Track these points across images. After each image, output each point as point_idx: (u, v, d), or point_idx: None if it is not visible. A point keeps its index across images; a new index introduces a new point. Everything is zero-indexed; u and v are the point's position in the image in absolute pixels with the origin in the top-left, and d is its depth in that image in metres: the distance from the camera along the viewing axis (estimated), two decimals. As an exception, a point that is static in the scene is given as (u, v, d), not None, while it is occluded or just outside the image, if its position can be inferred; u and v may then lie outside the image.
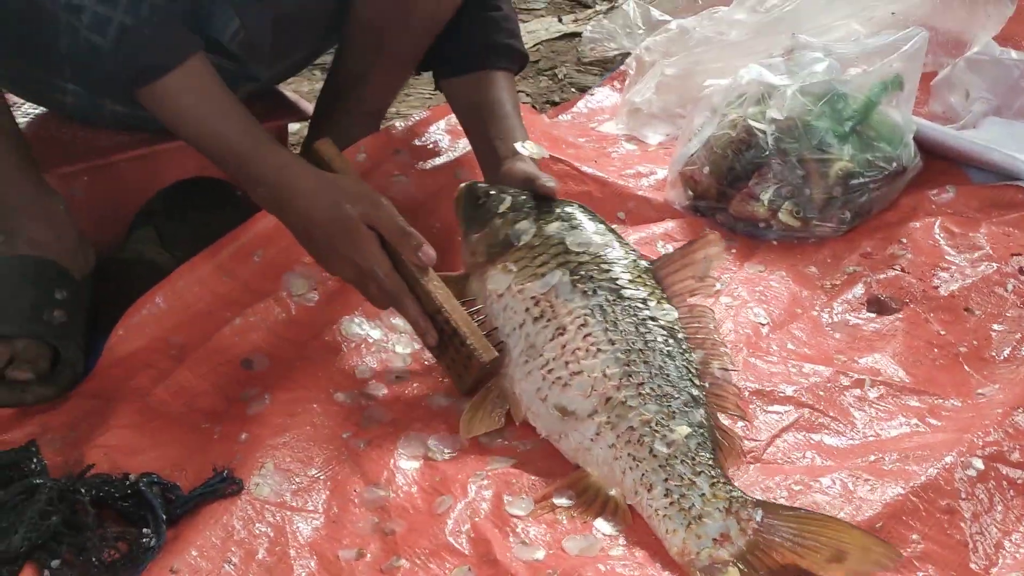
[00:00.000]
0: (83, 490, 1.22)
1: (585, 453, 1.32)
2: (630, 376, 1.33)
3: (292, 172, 1.42)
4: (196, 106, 1.43)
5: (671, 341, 1.37)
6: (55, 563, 1.17)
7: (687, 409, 1.31)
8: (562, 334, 1.37)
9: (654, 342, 1.36)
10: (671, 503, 1.23)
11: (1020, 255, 1.62)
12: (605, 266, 1.42)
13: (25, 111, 1.77)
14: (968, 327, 1.52)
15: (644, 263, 1.46)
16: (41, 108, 1.79)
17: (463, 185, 1.55)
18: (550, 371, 1.36)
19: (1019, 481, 1.26)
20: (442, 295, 1.39)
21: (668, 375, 1.34)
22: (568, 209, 1.50)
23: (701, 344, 1.39)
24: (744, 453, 1.32)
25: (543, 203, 1.50)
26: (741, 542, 1.18)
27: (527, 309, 1.40)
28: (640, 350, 1.35)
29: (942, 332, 1.51)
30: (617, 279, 1.41)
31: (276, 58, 1.67)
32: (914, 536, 1.20)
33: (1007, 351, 1.47)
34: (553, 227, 1.46)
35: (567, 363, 1.36)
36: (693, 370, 1.36)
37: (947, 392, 1.42)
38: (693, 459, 1.26)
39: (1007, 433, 1.30)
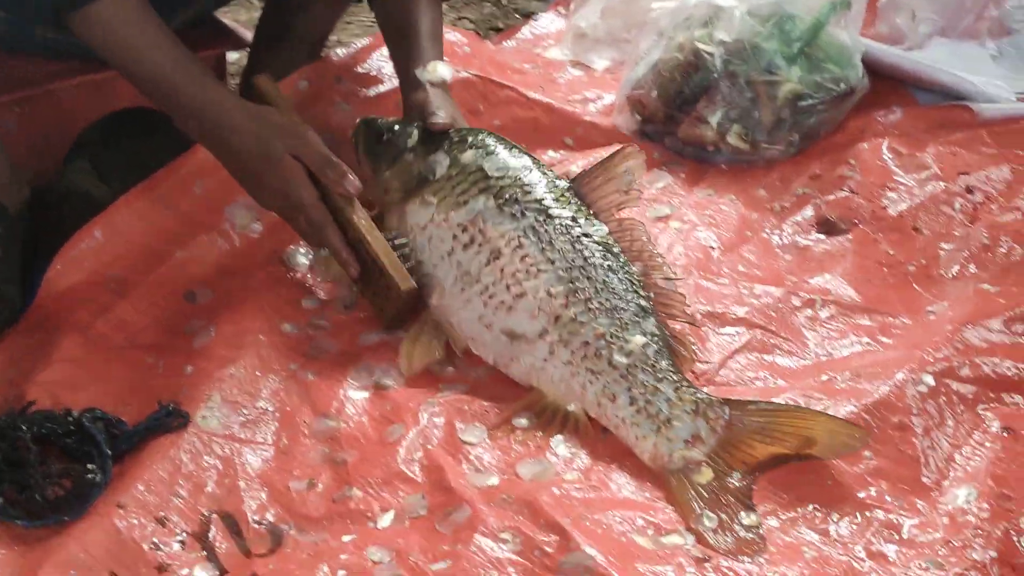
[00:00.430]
0: (24, 427, 1.20)
1: (539, 373, 1.32)
2: (576, 292, 1.32)
3: (222, 107, 1.39)
4: (127, 35, 1.38)
5: (609, 256, 1.35)
6: (-3, 501, 1.15)
7: (638, 319, 1.31)
8: (497, 258, 1.35)
9: (592, 257, 1.34)
10: (637, 411, 1.24)
11: (967, 174, 1.63)
12: (528, 188, 1.39)
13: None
14: (917, 246, 1.52)
15: (564, 182, 1.42)
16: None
17: (359, 121, 1.52)
18: (491, 296, 1.35)
19: (969, 396, 1.27)
20: (365, 226, 1.37)
21: (613, 288, 1.32)
22: (480, 136, 1.45)
23: (639, 256, 1.37)
24: (698, 358, 1.32)
25: (454, 132, 1.46)
26: (712, 441, 1.21)
27: (455, 236, 1.38)
28: (580, 267, 1.33)
29: (891, 252, 1.52)
30: (542, 199, 1.38)
31: None
32: (867, 453, 1.21)
33: (955, 269, 1.48)
34: (468, 155, 1.42)
35: (508, 286, 1.34)
36: (636, 281, 1.34)
37: (897, 310, 1.42)
38: (653, 366, 1.27)
39: (956, 349, 1.32)
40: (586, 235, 1.36)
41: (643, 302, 1.33)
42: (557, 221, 1.36)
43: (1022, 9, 1.89)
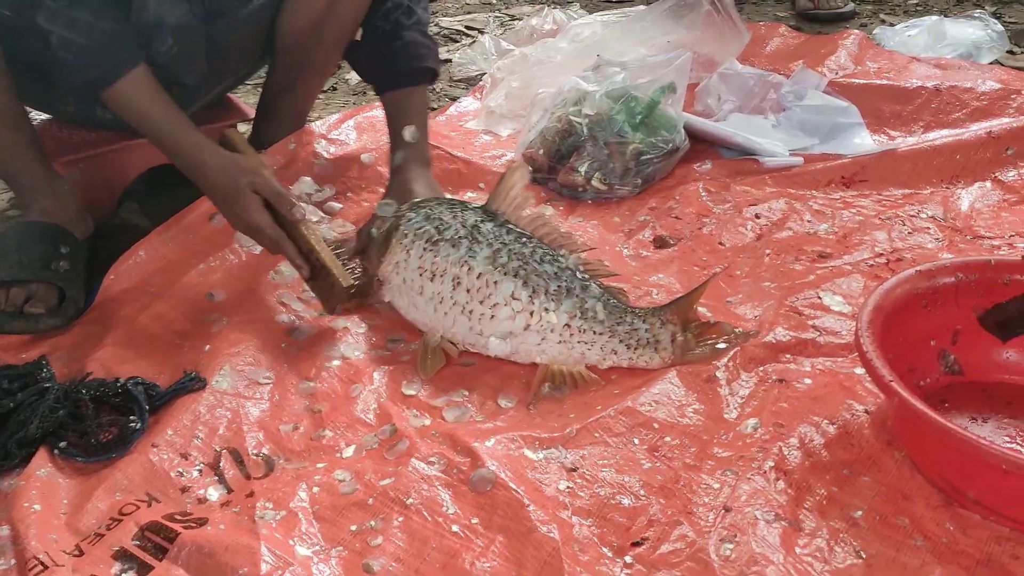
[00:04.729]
0: (83, 391, 1.17)
1: (541, 354, 1.24)
2: (534, 289, 1.23)
3: (200, 150, 1.36)
4: (139, 104, 1.36)
5: (538, 250, 1.27)
6: (63, 444, 1.12)
7: (587, 290, 1.25)
8: (459, 282, 1.25)
9: (531, 255, 1.26)
10: (634, 350, 1.23)
11: (755, 205, 1.64)
12: (453, 219, 1.30)
13: (33, 116, 1.66)
14: (721, 256, 1.53)
15: (473, 205, 1.34)
16: (46, 115, 1.69)
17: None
18: (471, 312, 1.25)
19: (758, 356, 1.26)
20: (314, 239, 1.33)
21: (557, 274, 1.25)
22: (415, 202, 1.37)
23: (557, 242, 1.29)
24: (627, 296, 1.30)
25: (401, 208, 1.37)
26: (679, 329, 1.24)
27: (420, 275, 1.28)
28: (523, 266, 1.24)
29: (704, 258, 1.52)
30: (465, 223, 1.29)
31: (217, 74, 1.60)
32: (685, 396, 1.19)
33: (747, 270, 1.49)
34: (405, 218, 1.33)
35: (480, 301, 1.24)
36: (565, 262, 1.27)
37: (707, 298, 1.41)
38: (622, 317, 1.24)
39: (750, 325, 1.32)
40: (517, 239, 1.27)
41: (579, 275, 1.26)
42: (487, 237, 1.27)
43: (792, 93, 1.91)
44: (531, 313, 1.23)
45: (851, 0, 2.55)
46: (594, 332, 1.23)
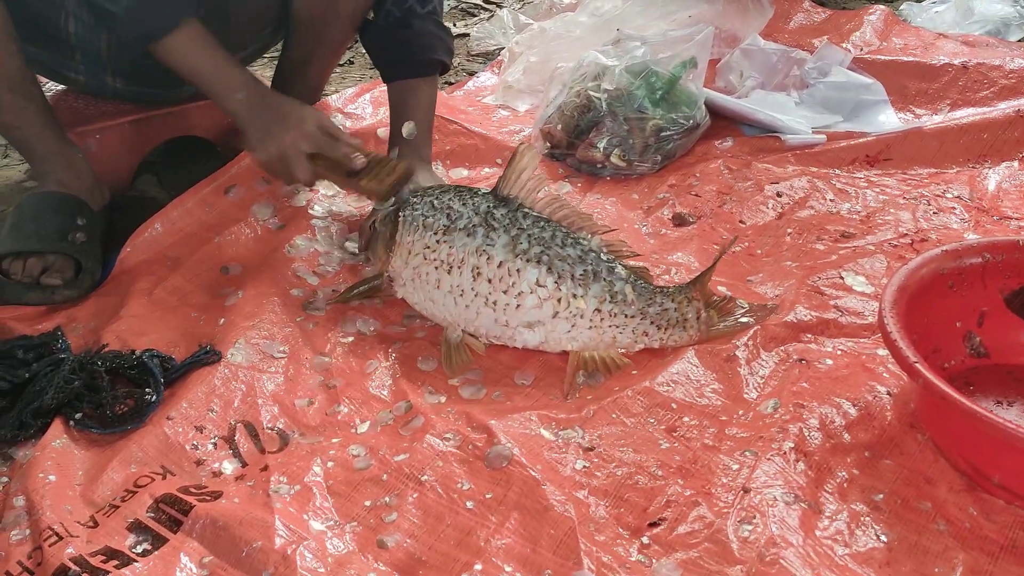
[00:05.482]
0: (99, 363, 1.16)
1: (571, 342, 1.20)
2: (560, 275, 1.18)
3: (261, 82, 1.39)
4: (195, 55, 1.33)
5: (558, 233, 1.21)
6: (78, 415, 1.11)
7: (613, 272, 1.20)
8: (480, 272, 1.19)
9: (552, 239, 1.20)
10: (665, 330, 1.21)
11: (776, 183, 1.62)
12: (463, 206, 1.23)
13: (49, 88, 1.65)
14: (742, 234, 1.50)
15: (483, 189, 1.28)
16: (61, 85, 1.68)
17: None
18: (495, 303, 1.19)
19: (778, 335, 1.24)
20: (362, 147, 1.33)
21: (582, 258, 1.20)
22: (420, 190, 1.32)
23: (577, 224, 1.24)
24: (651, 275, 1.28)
25: (402, 198, 1.32)
26: (703, 305, 1.23)
27: (436, 268, 1.22)
28: (545, 251, 1.19)
29: (725, 236, 1.50)
30: (477, 210, 1.22)
31: (230, 47, 1.57)
32: (705, 377, 1.18)
33: (768, 248, 1.47)
34: (411, 208, 1.28)
35: (504, 291, 1.18)
36: (588, 244, 1.22)
37: (727, 277, 1.39)
38: (652, 297, 1.21)
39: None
40: (536, 223, 1.21)
41: (604, 257, 1.21)
42: (503, 224, 1.21)
43: (815, 70, 1.88)
44: (559, 300, 1.18)
45: None
46: (625, 315, 1.19)
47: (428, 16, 1.52)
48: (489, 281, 1.20)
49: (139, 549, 0.95)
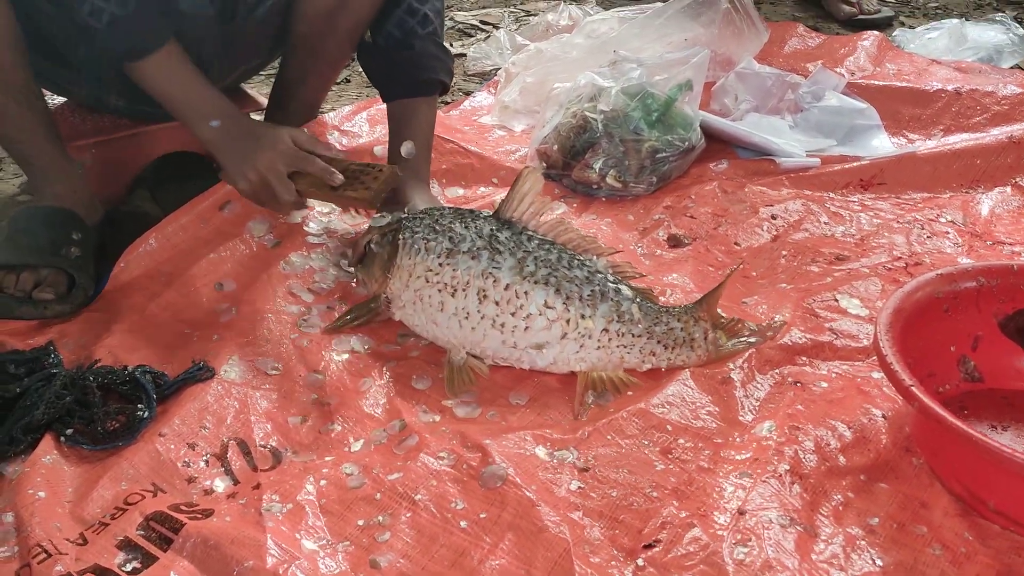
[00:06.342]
0: (91, 378, 1.15)
1: (580, 362, 1.19)
2: (568, 297, 1.18)
3: (235, 108, 1.41)
4: (170, 79, 1.35)
5: (564, 255, 1.22)
6: (69, 431, 1.10)
7: (620, 292, 1.20)
8: (486, 295, 1.19)
9: (559, 261, 1.20)
10: (672, 349, 1.20)
11: (771, 206, 1.63)
12: (460, 232, 1.23)
13: (51, 100, 1.65)
14: (737, 255, 1.51)
15: (484, 212, 1.28)
16: (62, 98, 1.69)
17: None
18: (502, 325, 1.18)
19: (773, 358, 1.25)
20: (342, 156, 1.35)
21: (589, 279, 1.20)
22: (419, 212, 1.33)
23: (581, 246, 1.25)
24: (656, 296, 1.28)
25: (400, 219, 1.32)
26: (710, 326, 1.23)
27: (440, 291, 1.22)
28: (552, 273, 1.19)
29: (720, 258, 1.51)
30: (480, 233, 1.23)
31: (229, 64, 1.58)
32: (702, 399, 1.18)
33: (763, 271, 1.47)
34: (412, 229, 1.28)
35: (512, 313, 1.18)
36: (594, 265, 1.22)
37: (724, 299, 1.40)
38: (658, 317, 1.21)
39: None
40: (541, 246, 1.21)
41: (610, 278, 1.21)
42: (508, 247, 1.20)
43: (810, 94, 1.89)
44: (567, 321, 1.18)
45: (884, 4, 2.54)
46: (632, 335, 1.19)
47: (429, 37, 1.53)
48: (496, 303, 1.19)
49: (128, 567, 0.94)
